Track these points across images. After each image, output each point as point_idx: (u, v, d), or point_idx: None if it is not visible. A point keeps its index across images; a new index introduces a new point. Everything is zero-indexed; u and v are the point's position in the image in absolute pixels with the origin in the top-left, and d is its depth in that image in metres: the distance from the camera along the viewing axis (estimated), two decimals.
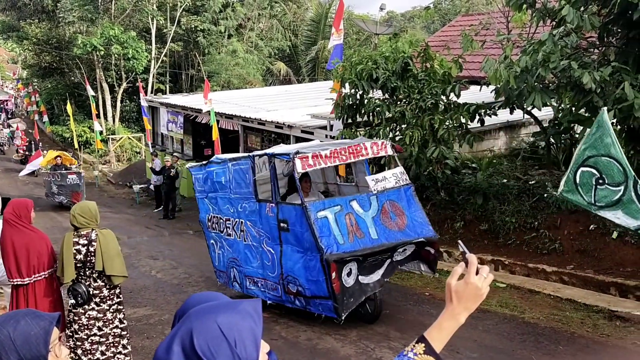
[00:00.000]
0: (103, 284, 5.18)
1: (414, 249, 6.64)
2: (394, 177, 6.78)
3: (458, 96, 8.57)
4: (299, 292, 6.57)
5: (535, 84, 7.09)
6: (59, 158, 18.17)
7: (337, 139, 9.83)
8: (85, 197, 16.71)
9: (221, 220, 7.89)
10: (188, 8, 29.34)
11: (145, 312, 7.71)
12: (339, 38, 10.81)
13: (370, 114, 9.12)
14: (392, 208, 6.58)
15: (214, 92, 19.92)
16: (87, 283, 5.13)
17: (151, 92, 28.26)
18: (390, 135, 9.09)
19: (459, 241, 2.02)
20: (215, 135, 13.24)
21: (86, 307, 5.15)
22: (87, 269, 5.10)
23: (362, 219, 6.35)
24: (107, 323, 5.24)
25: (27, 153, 24.75)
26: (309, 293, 6.39)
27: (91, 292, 5.14)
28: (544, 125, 9.25)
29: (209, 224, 8.22)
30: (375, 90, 9.05)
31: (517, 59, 7.21)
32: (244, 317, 1.40)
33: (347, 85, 9.12)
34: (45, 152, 21.32)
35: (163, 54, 29.52)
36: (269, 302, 7.23)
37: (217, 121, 14.09)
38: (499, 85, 7.53)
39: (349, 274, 6.14)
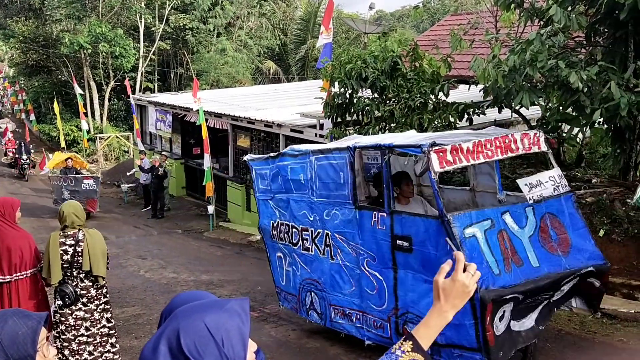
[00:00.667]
0: (90, 284, 5.16)
1: (576, 281, 5.03)
2: (552, 181, 5.26)
3: (447, 95, 8.60)
4: None
5: (523, 83, 7.13)
6: (69, 160, 16.38)
7: (327, 138, 9.83)
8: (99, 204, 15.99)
9: (294, 230, 6.32)
10: (177, 6, 29.18)
11: (133, 312, 7.66)
12: (328, 37, 10.81)
13: (360, 113, 9.13)
14: (552, 224, 5.06)
15: (203, 91, 19.84)
16: (74, 283, 5.10)
17: (139, 91, 28.08)
18: (380, 134, 9.10)
19: (447, 239, 2.02)
20: (204, 134, 13.20)
21: (73, 307, 5.12)
22: (74, 269, 5.07)
23: (518, 239, 4.80)
24: (94, 323, 5.21)
25: (16, 156, 23.02)
26: (442, 340, 4.78)
27: (78, 293, 5.11)
28: (532, 124, 9.31)
29: (274, 232, 6.66)
30: (364, 89, 9.06)
31: (505, 59, 7.25)
32: (231, 315, 1.39)
33: (336, 84, 9.13)
34: (50, 154, 19.62)
35: (151, 52, 29.34)
36: (367, 342, 5.61)
37: (206, 120, 14.03)
38: (487, 85, 7.56)
39: (500, 318, 4.61)
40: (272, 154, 6.75)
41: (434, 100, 8.76)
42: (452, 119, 8.55)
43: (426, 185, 6.71)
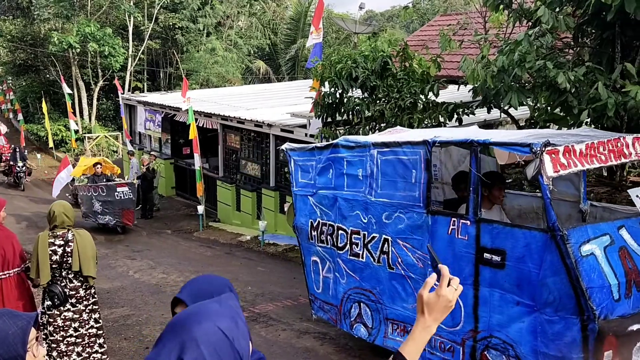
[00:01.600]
0: (79, 284, 5.13)
1: None
2: None
3: (436, 95, 8.63)
4: None
5: (512, 83, 7.17)
6: (98, 166, 14.09)
7: (317, 138, 9.84)
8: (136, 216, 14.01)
9: (341, 232, 5.62)
10: (166, 5, 29.05)
11: (122, 313, 7.62)
12: (318, 37, 10.82)
13: (350, 112, 9.14)
14: None
15: (192, 91, 19.78)
16: (63, 284, 5.08)
17: (128, 90, 27.94)
18: (370, 134, 9.12)
19: (430, 248, 2.03)
20: (193, 134, 13.10)
21: (62, 308, 5.10)
22: (63, 270, 5.04)
23: (639, 258, 4.19)
24: (83, 324, 5.19)
25: (11, 163, 20.55)
26: None
27: (67, 293, 5.08)
28: (521, 124, 9.37)
29: (313, 233, 5.99)
30: (354, 89, 9.07)
31: (494, 59, 7.29)
32: (234, 315, 1.43)
33: (326, 84, 9.13)
34: (73, 158, 17.47)
35: (140, 51, 29.19)
36: None
37: (196, 120, 13.99)
38: (476, 85, 7.60)
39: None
40: (319, 144, 6.08)
41: (424, 100, 8.79)
42: (441, 119, 8.59)
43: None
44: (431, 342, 4.82)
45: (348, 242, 5.56)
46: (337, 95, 9.13)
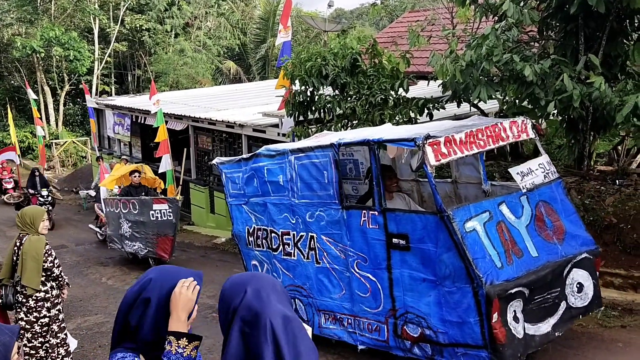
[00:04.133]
0: (29, 294, 5.11)
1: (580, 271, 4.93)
2: (541, 168, 5.24)
3: (407, 91, 8.69)
4: (426, 337, 4.80)
5: (480, 77, 7.26)
6: (136, 175, 10.55)
7: (289, 137, 9.80)
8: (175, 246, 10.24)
9: (274, 235, 6.01)
10: (132, 7, 28.60)
11: (96, 320, 7.49)
12: (286, 35, 10.78)
13: (322, 110, 9.13)
14: (546, 212, 5.02)
15: (162, 93, 19.49)
16: (20, 290, 5.10)
17: (96, 94, 27.43)
18: (342, 131, 9.13)
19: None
20: (162, 136, 12.65)
21: (37, 315, 5.08)
22: (16, 274, 5.14)
23: (516, 230, 4.74)
24: (35, 336, 5.20)
25: (29, 191, 14.95)
26: (445, 339, 4.66)
27: (18, 300, 5.06)
28: (490, 117, 9.50)
29: (250, 239, 6.34)
30: (325, 86, 9.06)
31: (462, 54, 7.37)
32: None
33: (297, 82, 9.11)
34: (106, 164, 14.14)
35: (107, 54, 28.68)
36: (360, 347, 5.36)
37: (166, 122, 13.78)
38: (445, 80, 7.67)
39: (515, 319, 4.46)
40: (244, 156, 6.40)
41: (395, 96, 8.84)
42: (412, 114, 8.64)
43: (404, 179, 6.66)
44: (360, 324, 5.32)
45: (280, 243, 5.95)
46: (308, 94, 9.11)
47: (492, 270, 4.36)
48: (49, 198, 14.56)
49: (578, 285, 4.92)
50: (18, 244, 5.03)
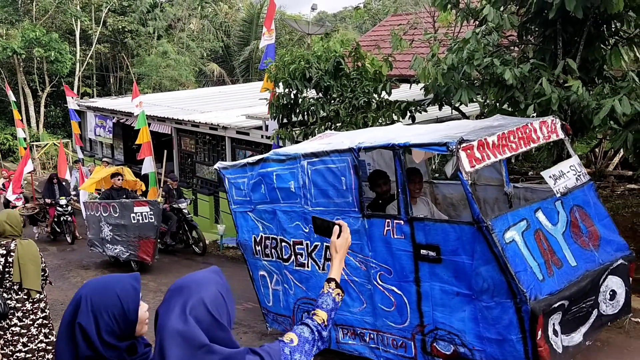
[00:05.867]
0: (26, 297, 4.99)
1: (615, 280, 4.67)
2: (573, 171, 4.92)
3: (389, 94, 8.76)
4: (460, 355, 4.47)
5: (462, 80, 7.35)
6: (118, 178, 10.50)
7: (273, 139, 9.82)
8: (158, 249, 10.14)
9: (284, 244, 5.63)
10: (114, 8, 28.40)
11: None
12: (270, 38, 10.81)
13: (305, 113, 9.17)
14: (581, 217, 4.74)
15: (145, 95, 19.38)
16: (9, 296, 4.93)
17: (77, 96, 27.16)
18: None
19: (316, 217, 2.63)
20: (144, 138, 12.49)
21: (9, 322, 4.95)
22: (6, 281, 4.90)
23: (553, 238, 4.44)
24: (32, 338, 5.05)
25: (46, 201, 13.24)
26: (482, 357, 4.33)
27: (10, 305, 4.93)
28: (472, 120, 9.62)
29: (257, 248, 5.96)
30: (309, 89, 9.10)
31: (443, 57, 7.46)
32: (224, 282, 1.87)
33: (280, 84, 9.14)
34: (85, 167, 14.07)
35: (89, 56, 28.43)
36: None
37: (149, 124, 13.70)
38: (427, 83, 7.76)
39: (555, 333, 4.19)
40: (250, 160, 5.94)
41: (377, 99, 8.91)
42: (395, 117, 8.72)
43: (426, 181, 6.26)
44: (384, 340, 4.96)
45: (292, 253, 5.58)
46: (292, 96, 9.15)
47: (534, 283, 4.05)
48: (69, 208, 13.03)
49: (611, 293, 4.67)
50: (4, 251, 4.89)
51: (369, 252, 4.88)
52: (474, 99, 7.64)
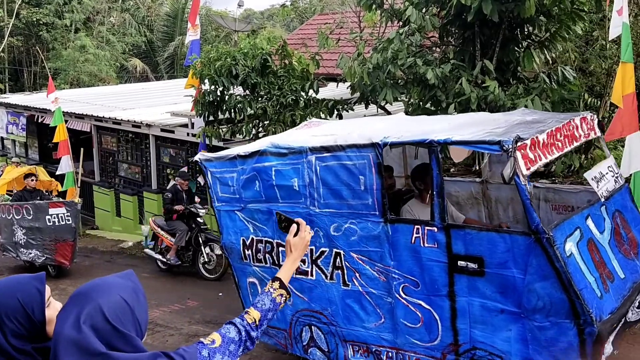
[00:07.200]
0: None
1: None
2: (611, 172, 4.50)
3: (317, 92, 8.83)
4: None
5: (387, 80, 7.52)
6: (32, 178, 10.04)
7: (199, 137, 9.63)
8: (77, 250, 9.73)
9: (282, 249, 4.94)
10: (28, 0, 26.81)
11: None
12: (195, 34, 10.60)
13: (232, 110, 9.06)
14: (621, 223, 4.37)
15: (62, 90, 18.44)
16: None
17: None
18: (254, 131, 9.11)
19: (279, 213, 2.64)
20: (61, 136, 11.79)
21: None
22: None
23: (603, 248, 4.04)
24: None
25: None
26: None
27: None
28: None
29: (247, 252, 5.26)
30: (235, 86, 9.00)
31: (369, 57, 7.60)
32: (134, 287, 1.74)
33: (206, 81, 8.98)
34: None
35: (0, 49, 26.67)
36: None
37: (66, 121, 13.04)
38: (354, 82, 7.88)
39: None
40: (241, 152, 5.17)
41: (305, 97, 8.95)
42: (322, 115, 8.79)
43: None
44: (404, 359, 4.53)
45: None
46: (218, 93, 9.01)
47: (596, 302, 3.63)
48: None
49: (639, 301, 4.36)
50: None
51: (391, 261, 4.34)
52: (398, 98, 7.84)
